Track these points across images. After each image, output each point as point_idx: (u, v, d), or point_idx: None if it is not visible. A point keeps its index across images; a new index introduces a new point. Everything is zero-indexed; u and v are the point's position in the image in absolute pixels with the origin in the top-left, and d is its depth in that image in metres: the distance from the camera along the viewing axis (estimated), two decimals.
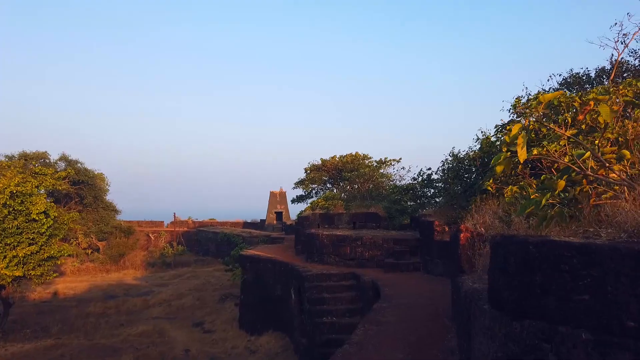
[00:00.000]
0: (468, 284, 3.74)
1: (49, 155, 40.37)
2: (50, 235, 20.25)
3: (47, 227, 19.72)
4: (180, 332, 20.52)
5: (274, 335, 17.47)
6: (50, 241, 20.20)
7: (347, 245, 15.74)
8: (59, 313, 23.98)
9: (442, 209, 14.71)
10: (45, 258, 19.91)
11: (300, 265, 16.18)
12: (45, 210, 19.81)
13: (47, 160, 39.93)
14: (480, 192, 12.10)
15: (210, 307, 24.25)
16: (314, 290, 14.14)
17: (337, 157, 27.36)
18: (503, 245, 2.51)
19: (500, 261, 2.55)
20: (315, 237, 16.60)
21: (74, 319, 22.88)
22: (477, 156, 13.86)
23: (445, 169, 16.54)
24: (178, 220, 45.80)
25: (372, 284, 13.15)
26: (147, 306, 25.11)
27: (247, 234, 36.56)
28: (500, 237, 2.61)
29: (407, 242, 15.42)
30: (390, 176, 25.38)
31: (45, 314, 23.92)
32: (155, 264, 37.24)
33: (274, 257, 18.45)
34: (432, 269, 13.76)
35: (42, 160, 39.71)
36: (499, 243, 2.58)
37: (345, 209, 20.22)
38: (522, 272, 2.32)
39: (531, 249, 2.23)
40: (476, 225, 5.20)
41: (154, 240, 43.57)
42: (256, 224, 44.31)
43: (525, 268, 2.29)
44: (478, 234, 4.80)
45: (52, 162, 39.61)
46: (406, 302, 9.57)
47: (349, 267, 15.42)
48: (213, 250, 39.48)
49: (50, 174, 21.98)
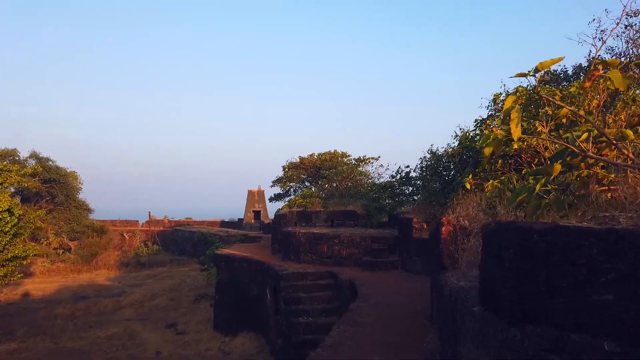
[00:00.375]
0: (452, 282, 3.31)
1: (19, 153, 38.88)
2: (15, 234, 19.23)
3: (11, 225, 18.71)
4: (152, 334, 19.75)
5: (249, 336, 16.88)
6: (15, 240, 19.19)
7: (324, 243, 15.28)
8: (25, 315, 22.90)
9: (421, 206, 14.39)
10: (9, 258, 18.89)
11: (277, 264, 15.64)
12: (10, 208, 18.79)
13: (17, 157, 38.42)
14: (459, 188, 11.79)
15: (184, 308, 23.49)
16: (289, 290, 13.63)
17: (315, 155, 26.90)
18: (499, 234, 2.06)
19: (494, 254, 2.10)
20: (292, 235, 16.09)
21: (41, 321, 21.85)
22: (456, 153, 13.57)
23: (423, 167, 16.25)
24: (154, 219, 44.67)
25: (350, 282, 12.71)
26: (119, 307, 24.20)
27: (225, 233, 35.79)
28: (495, 224, 2.15)
29: (385, 240, 15.04)
30: (368, 174, 25.05)
31: (12, 316, 22.80)
32: (129, 264, 36.15)
33: (249, 256, 17.87)
34: (410, 267, 13.40)
35: (11, 157, 38.17)
36: (494, 232, 2.12)
37: (323, 207, 19.77)
38: (523, 266, 1.87)
39: (535, 237, 1.79)
40: (458, 218, 4.78)
41: (128, 239, 42.37)
42: (234, 223, 43.51)
43: (527, 261, 1.84)
44: (461, 227, 4.38)
45: (21, 160, 38.12)
46: (384, 301, 9.15)
47: (326, 265, 14.96)
48: (189, 249, 38.56)
49: (15, 170, 20.89)
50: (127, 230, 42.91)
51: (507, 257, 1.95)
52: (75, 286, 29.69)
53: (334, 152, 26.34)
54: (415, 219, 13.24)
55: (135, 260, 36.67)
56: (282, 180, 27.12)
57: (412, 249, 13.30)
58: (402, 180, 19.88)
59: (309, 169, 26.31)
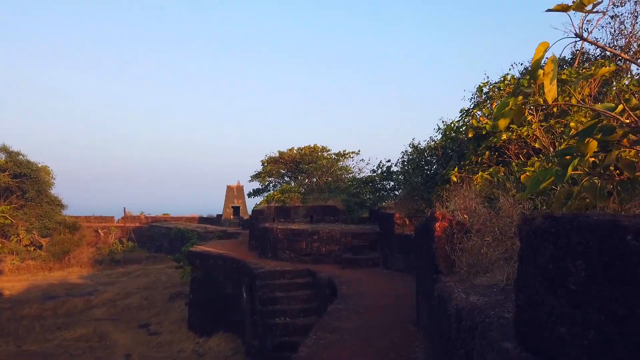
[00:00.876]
0: (459, 296, 2.56)
1: None
2: None
3: None
4: (123, 334, 18.72)
5: (224, 336, 16.03)
6: None
7: (302, 240, 14.49)
8: None
9: (403, 201, 13.72)
10: None
11: (253, 261, 14.80)
12: None
13: None
14: (443, 182, 11.14)
15: (159, 307, 22.46)
16: (265, 289, 12.82)
17: (295, 149, 26.06)
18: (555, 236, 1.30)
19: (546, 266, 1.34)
20: (269, 231, 15.26)
21: (6, 322, 20.57)
22: (439, 145, 12.93)
23: (405, 161, 15.62)
24: (129, 215, 43.21)
25: (329, 281, 11.97)
26: (89, 307, 23.01)
27: (202, 230, 34.71)
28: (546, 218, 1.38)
29: (366, 236, 14.34)
30: (349, 169, 24.34)
31: None
32: (103, 262, 34.76)
33: (225, 253, 16.98)
34: (392, 265, 12.73)
35: None
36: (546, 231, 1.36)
37: (302, 202, 18.98)
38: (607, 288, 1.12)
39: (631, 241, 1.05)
40: (454, 212, 4.05)
41: (103, 236, 40.86)
42: (212, 219, 42.37)
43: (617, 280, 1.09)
44: (458, 223, 3.67)
45: None
46: (364, 303, 8.42)
47: (305, 263, 14.19)
48: (166, 246, 37.35)
49: None
50: (102, 227, 41.37)
51: (574, 269, 1.20)
52: (45, 285, 28.28)
53: (314, 146, 25.53)
54: (397, 215, 12.57)
55: (109, 258, 35.30)
56: (261, 175, 26.22)
57: (394, 246, 12.63)
58: (383, 174, 19.22)
59: (288, 164, 25.47)
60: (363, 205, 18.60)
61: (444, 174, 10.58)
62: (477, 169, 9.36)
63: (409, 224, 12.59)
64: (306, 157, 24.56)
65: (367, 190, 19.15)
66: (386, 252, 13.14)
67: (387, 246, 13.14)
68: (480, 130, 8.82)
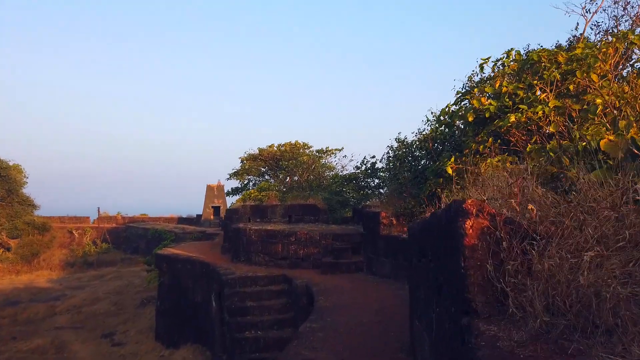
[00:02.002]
0: None
1: None
2: None
3: None
4: (84, 345, 16.82)
5: (192, 348, 14.24)
6: None
7: (278, 242, 12.82)
8: None
9: (389, 198, 12.15)
10: None
11: (223, 266, 13.08)
12: None
13: None
14: (436, 176, 9.60)
15: (127, 314, 20.53)
16: (235, 298, 11.13)
17: (275, 145, 24.36)
18: None
19: None
20: (242, 232, 13.57)
21: None
22: (429, 137, 11.40)
23: (390, 156, 14.10)
24: (105, 215, 40.98)
25: (306, 289, 10.34)
26: (52, 314, 20.97)
27: (180, 230, 32.78)
28: None
29: (348, 238, 12.73)
30: (331, 167, 22.74)
31: None
32: (75, 264, 32.58)
33: (195, 256, 15.21)
34: (377, 270, 11.14)
35: None
36: None
37: (281, 200, 17.31)
38: None
39: None
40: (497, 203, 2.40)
41: (77, 237, 38.59)
42: (192, 219, 40.38)
43: None
44: (508, 222, 2.07)
45: None
46: (345, 320, 6.79)
47: (281, 267, 12.52)
48: (143, 247, 35.28)
49: None
50: (76, 228, 39.07)
51: None
52: (9, 289, 26.09)
53: (294, 143, 23.87)
54: (383, 213, 10.99)
55: (82, 260, 33.13)
56: (239, 173, 24.46)
57: (379, 248, 11.05)
58: (368, 171, 17.68)
59: (268, 161, 23.76)
60: (346, 203, 17.01)
61: (436, 167, 9.02)
62: (477, 160, 7.82)
63: (396, 223, 11.03)
64: (286, 153, 22.89)
65: (350, 188, 17.57)
66: (370, 256, 11.55)
67: (371, 249, 11.55)
68: (483, 112, 7.29)
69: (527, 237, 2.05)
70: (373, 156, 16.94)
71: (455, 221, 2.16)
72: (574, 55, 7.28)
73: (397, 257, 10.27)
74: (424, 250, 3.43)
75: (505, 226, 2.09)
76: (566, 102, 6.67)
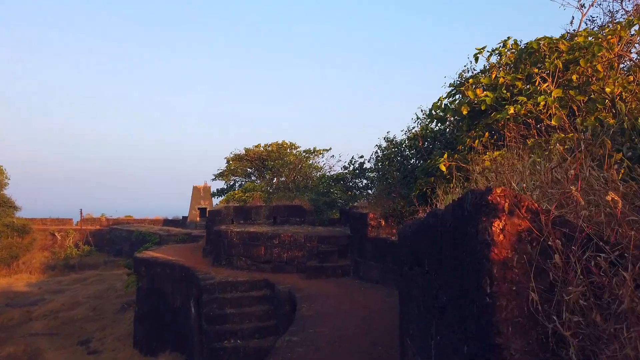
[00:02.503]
0: None
1: None
2: None
3: None
4: (58, 353, 15.89)
5: (171, 357, 13.42)
6: None
7: (261, 244, 12.08)
8: None
9: (378, 199, 11.48)
10: None
11: (203, 270, 12.31)
12: None
13: None
14: (427, 175, 8.96)
15: (106, 319, 19.60)
16: (214, 305, 10.37)
17: (261, 145, 23.60)
18: None
19: None
20: (224, 235, 12.80)
21: None
22: (419, 135, 10.76)
23: (379, 156, 13.49)
24: (89, 217, 39.80)
25: (289, 295, 9.63)
26: (28, 319, 19.95)
27: (165, 232, 31.84)
28: None
29: (335, 240, 12.03)
30: (319, 167, 22.05)
31: None
32: (56, 267, 31.44)
33: (175, 260, 14.40)
34: (365, 274, 10.46)
35: None
36: None
37: (266, 201, 16.57)
38: None
39: None
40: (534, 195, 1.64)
41: (60, 240, 37.35)
42: (178, 221, 39.36)
43: None
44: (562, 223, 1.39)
45: None
46: (328, 333, 6.09)
47: (263, 272, 11.78)
48: (127, 250, 34.20)
49: None
50: (59, 230, 37.83)
51: None
52: None
53: (281, 142, 23.13)
54: (371, 214, 10.33)
55: (63, 263, 31.99)
56: (224, 173, 23.65)
57: (367, 252, 10.37)
58: (356, 172, 17.03)
59: (254, 161, 22.98)
60: (333, 205, 16.33)
61: (427, 165, 8.38)
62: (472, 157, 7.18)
63: (384, 225, 10.36)
64: (273, 153, 22.13)
65: (337, 189, 16.89)
66: (358, 260, 10.86)
67: (359, 252, 10.87)
68: (478, 105, 6.65)
69: (593, 247, 1.35)
70: (361, 156, 16.29)
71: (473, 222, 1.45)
72: (576, 44, 6.69)
73: (386, 261, 9.60)
74: (418, 258, 2.75)
75: (557, 229, 1.39)
76: (569, 93, 6.05)
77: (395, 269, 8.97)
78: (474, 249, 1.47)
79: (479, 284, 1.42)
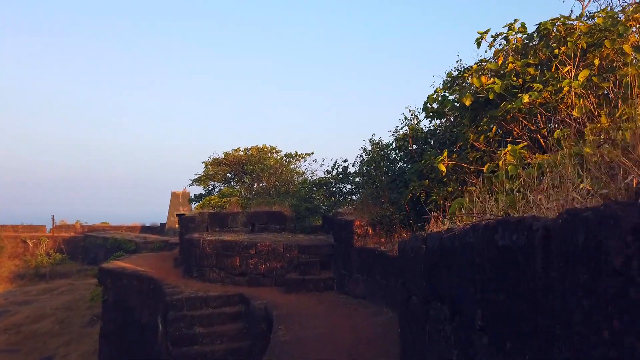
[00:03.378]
0: None
1: None
2: None
3: None
4: None
5: None
6: None
7: (236, 254, 10.84)
8: None
9: (364, 205, 10.37)
10: None
11: (172, 283, 11.01)
12: None
13: None
14: (420, 178, 7.90)
15: (73, 333, 18.00)
16: (181, 324, 9.08)
17: (241, 149, 22.33)
18: None
19: None
20: (195, 243, 11.53)
21: None
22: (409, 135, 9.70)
23: (364, 160, 12.42)
24: (63, 224, 37.85)
25: (265, 313, 8.42)
26: None
27: (142, 240, 30.16)
28: None
29: (317, 250, 10.87)
30: (301, 172, 20.88)
31: None
32: (25, 276, 29.52)
33: (144, 271, 13.03)
34: (350, 288, 9.30)
35: None
36: None
37: (244, 207, 15.34)
38: None
39: None
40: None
41: (32, 247, 35.29)
42: (156, 228, 37.67)
43: None
44: None
45: None
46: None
47: (238, 285, 10.54)
48: (102, 258, 32.33)
49: None
50: (31, 237, 35.77)
51: None
52: None
53: (262, 146, 21.91)
54: (357, 222, 9.20)
55: (33, 272, 30.08)
56: (203, 178, 22.29)
57: (352, 263, 9.22)
58: (339, 176, 15.90)
59: (233, 166, 21.69)
60: (316, 211, 15.17)
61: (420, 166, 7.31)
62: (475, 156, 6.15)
63: (372, 233, 9.24)
64: (253, 158, 20.89)
65: (320, 194, 15.75)
66: (342, 272, 9.70)
67: (343, 263, 9.72)
68: (485, 94, 5.61)
69: None
70: (345, 160, 15.17)
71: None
72: (595, 25, 5.70)
73: (373, 274, 8.47)
74: (438, 291, 1.65)
75: None
76: (594, 79, 5.04)
77: (384, 283, 7.85)
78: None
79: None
